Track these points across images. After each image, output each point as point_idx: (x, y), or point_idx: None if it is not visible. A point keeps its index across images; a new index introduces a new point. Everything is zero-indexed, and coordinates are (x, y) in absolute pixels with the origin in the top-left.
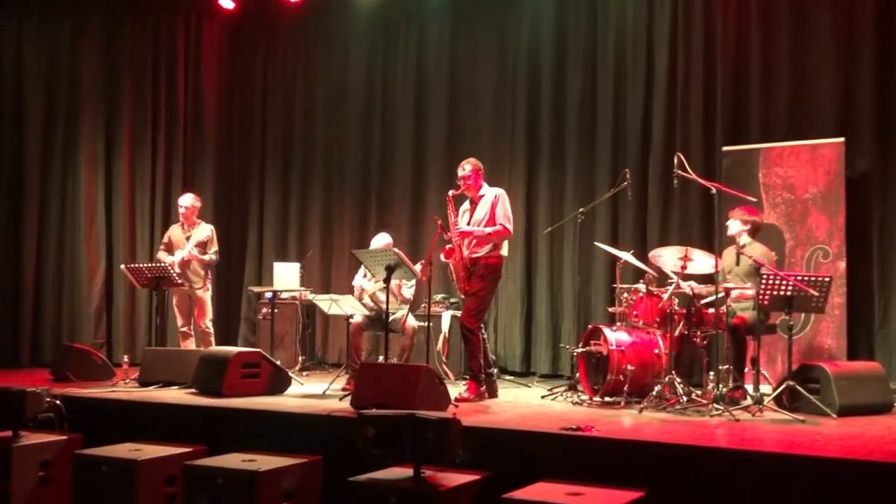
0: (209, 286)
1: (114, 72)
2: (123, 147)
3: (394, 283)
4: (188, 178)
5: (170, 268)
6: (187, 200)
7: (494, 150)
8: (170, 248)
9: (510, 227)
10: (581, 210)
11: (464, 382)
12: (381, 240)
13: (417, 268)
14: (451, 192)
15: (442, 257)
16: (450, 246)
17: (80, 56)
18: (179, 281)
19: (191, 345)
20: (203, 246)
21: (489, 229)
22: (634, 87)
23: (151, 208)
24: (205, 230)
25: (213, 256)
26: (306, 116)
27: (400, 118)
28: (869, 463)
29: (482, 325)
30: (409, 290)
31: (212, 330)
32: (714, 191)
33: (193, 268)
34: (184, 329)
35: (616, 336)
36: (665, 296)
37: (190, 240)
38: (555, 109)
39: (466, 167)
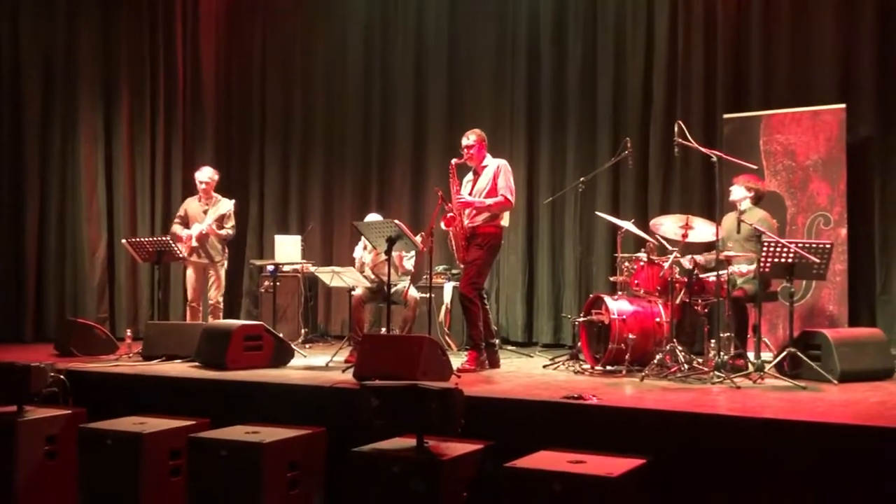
0: (226, 261)
1: (111, 47)
2: (122, 122)
3: (394, 254)
4: (188, 152)
5: (171, 241)
6: (206, 174)
7: (495, 120)
8: (185, 222)
9: (512, 198)
10: (582, 179)
11: (466, 353)
12: (372, 219)
13: (418, 239)
14: (454, 161)
15: (443, 225)
16: (451, 214)
17: (78, 31)
18: (181, 255)
19: (199, 320)
20: (221, 220)
21: (490, 200)
22: (635, 55)
23: (152, 182)
24: (227, 205)
25: (230, 231)
26: (305, 89)
27: (400, 90)
28: (871, 428)
29: (485, 296)
30: (409, 262)
31: (221, 304)
32: (715, 158)
33: (212, 242)
34: (193, 304)
35: (617, 305)
36: (666, 264)
37: (209, 214)
38: (555, 79)
39: (471, 137)
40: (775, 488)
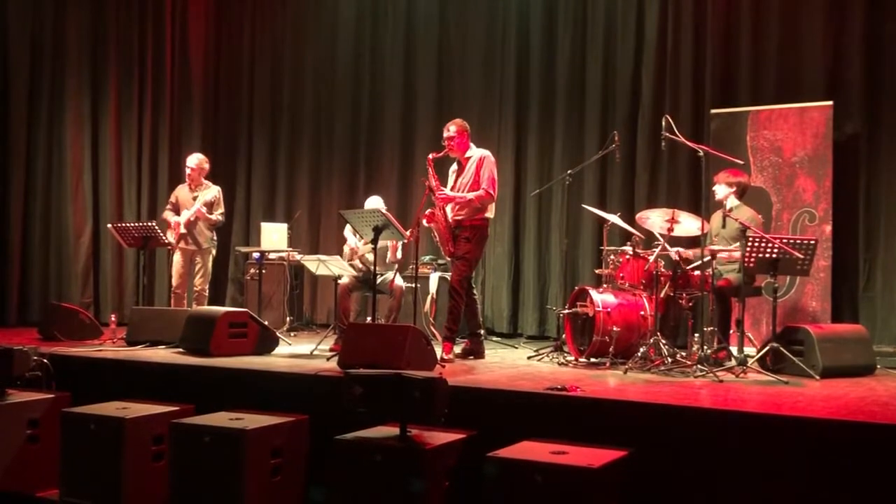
0: (214, 249)
1: (99, 30)
2: (110, 106)
3: (389, 243)
4: (175, 138)
5: (157, 227)
6: (193, 161)
7: (483, 111)
8: (176, 209)
9: (493, 191)
10: (569, 172)
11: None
12: (373, 202)
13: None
14: (431, 155)
15: (424, 222)
16: (430, 210)
17: (66, 14)
18: (166, 240)
19: (183, 307)
20: (209, 206)
21: (471, 194)
22: (624, 49)
23: (138, 168)
24: (212, 191)
25: (219, 217)
26: (294, 77)
27: (389, 79)
28: (851, 423)
29: (473, 285)
30: (401, 253)
31: (206, 293)
32: (701, 153)
33: (200, 229)
34: (178, 291)
35: (602, 298)
36: (651, 258)
37: (197, 200)
38: (544, 71)
39: (451, 128)
40: (755, 482)
